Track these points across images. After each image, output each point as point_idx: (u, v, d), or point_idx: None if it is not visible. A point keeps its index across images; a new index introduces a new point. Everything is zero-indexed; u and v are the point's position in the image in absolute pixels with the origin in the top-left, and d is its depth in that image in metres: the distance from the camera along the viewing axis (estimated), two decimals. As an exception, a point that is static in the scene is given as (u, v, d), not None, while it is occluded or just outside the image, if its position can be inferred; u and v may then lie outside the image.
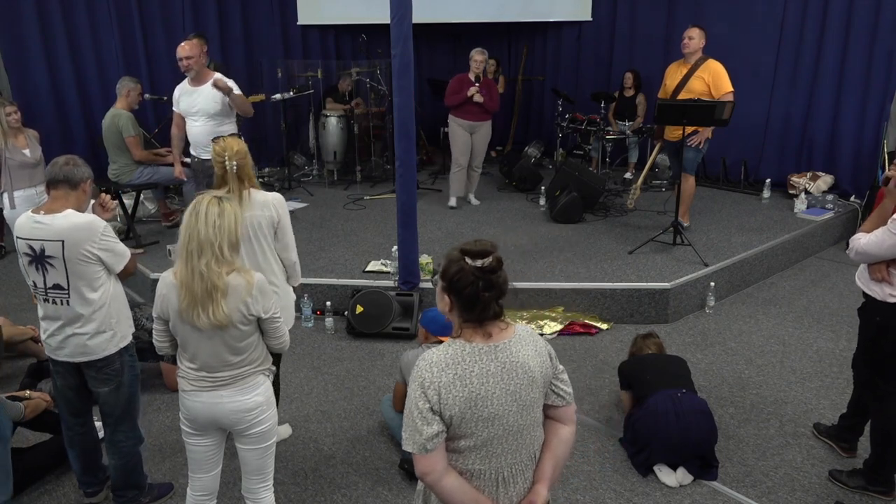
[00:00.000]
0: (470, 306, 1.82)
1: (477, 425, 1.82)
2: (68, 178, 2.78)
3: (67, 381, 2.98)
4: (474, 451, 1.85)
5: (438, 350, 1.86)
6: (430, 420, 1.80)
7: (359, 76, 7.93)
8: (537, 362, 1.88)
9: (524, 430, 1.88)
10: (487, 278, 1.79)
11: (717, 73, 5.55)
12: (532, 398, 1.87)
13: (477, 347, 1.83)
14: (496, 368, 1.82)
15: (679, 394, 3.37)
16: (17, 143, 5.08)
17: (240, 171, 3.10)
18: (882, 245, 2.88)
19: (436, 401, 1.80)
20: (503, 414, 1.83)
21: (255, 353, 2.52)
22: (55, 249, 2.74)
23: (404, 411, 1.87)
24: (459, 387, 1.79)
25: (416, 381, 1.84)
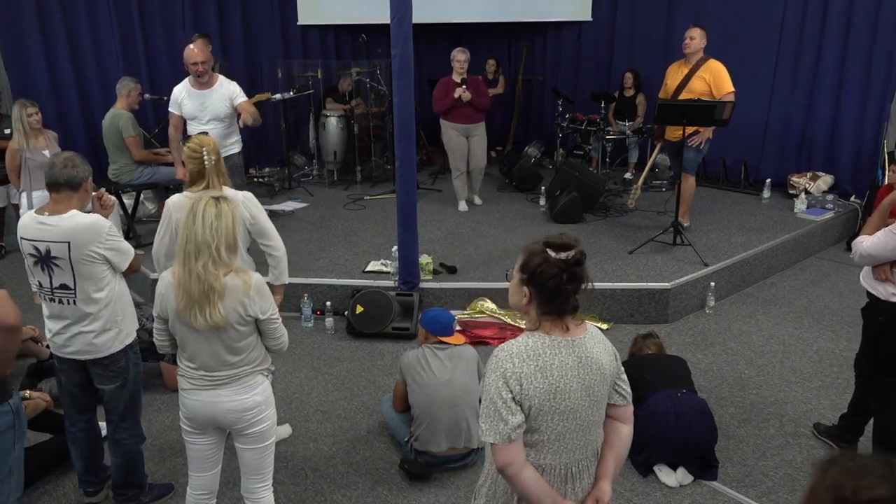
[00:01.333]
0: (552, 298, 1.83)
1: (553, 418, 1.84)
2: (70, 182, 2.79)
3: (72, 378, 3.00)
4: (547, 445, 1.87)
5: (518, 341, 1.86)
6: (514, 410, 1.80)
7: (359, 76, 7.93)
8: (607, 360, 1.91)
9: (592, 426, 1.92)
10: (571, 271, 1.82)
11: (719, 73, 5.55)
12: (601, 394, 1.91)
13: (556, 340, 1.85)
14: (573, 362, 1.85)
15: (679, 394, 3.37)
16: (38, 143, 5.10)
17: (217, 165, 3.12)
18: (886, 247, 2.88)
19: (518, 391, 1.80)
20: (577, 408, 1.86)
21: (254, 354, 2.52)
22: (61, 251, 2.75)
23: (483, 401, 1.86)
24: (540, 378, 1.81)
25: (497, 371, 1.82)
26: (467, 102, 6.45)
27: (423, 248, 5.16)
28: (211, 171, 3.10)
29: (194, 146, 3.13)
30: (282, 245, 3.37)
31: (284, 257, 3.39)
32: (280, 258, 3.36)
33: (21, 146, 5.03)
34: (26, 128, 5.01)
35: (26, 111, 5.02)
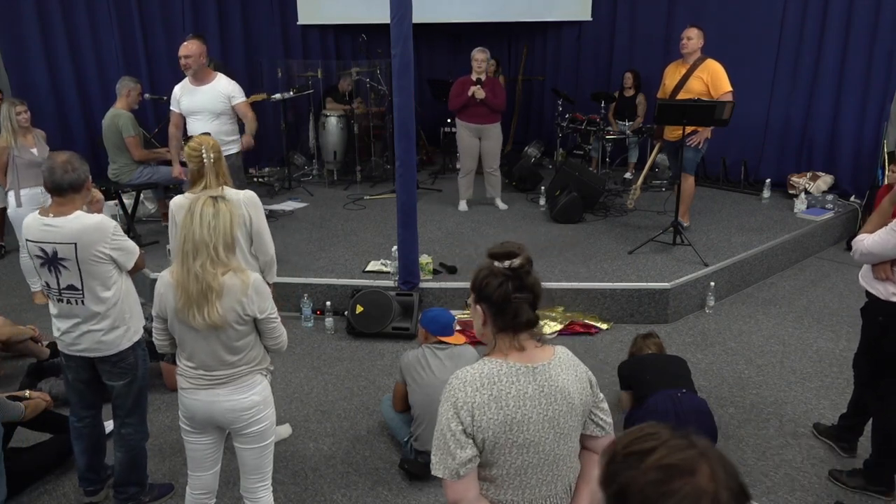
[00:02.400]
0: (501, 311, 1.71)
1: (511, 451, 1.70)
2: (73, 185, 2.81)
3: (80, 375, 3.02)
4: (507, 480, 1.73)
5: (473, 368, 1.74)
6: (464, 443, 1.67)
7: (359, 76, 7.93)
8: (577, 388, 1.76)
9: (560, 460, 1.77)
10: (519, 278, 1.70)
11: (716, 72, 5.55)
12: (570, 426, 1.76)
13: (514, 367, 1.71)
14: (534, 391, 1.70)
15: (679, 394, 3.37)
16: (26, 142, 5.11)
17: (216, 164, 3.12)
18: (886, 245, 2.88)
19: (469, 422, 1.67)
20: (539, 441, 1.71)
21: (253, 353, 2.53)
22: (68, 252, 2.76)
23: (435, 433, 1.74)
24: (495, 409, 1.67)
25: (449, 400, 1.71)
26: (482, 102, 6.41)
27: (423, 248, 5.16)
28: (209, 170, 3.10)
29: (194, 145, 3.14)
30: (272, 249, 3.36)
31: (273, 261, 3.37)
32: (268, 262, 3.36)
33: (9, 144, 5.02)
34: (14, 126, 5.02)
35: (14, 109, 5.02)
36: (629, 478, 1.05)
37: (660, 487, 1.02)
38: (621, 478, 1.07)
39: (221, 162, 3.18)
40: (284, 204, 7.08)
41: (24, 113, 5.09)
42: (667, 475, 1.02)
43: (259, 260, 3.34)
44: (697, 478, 1.01)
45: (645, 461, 1.05)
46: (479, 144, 6.64)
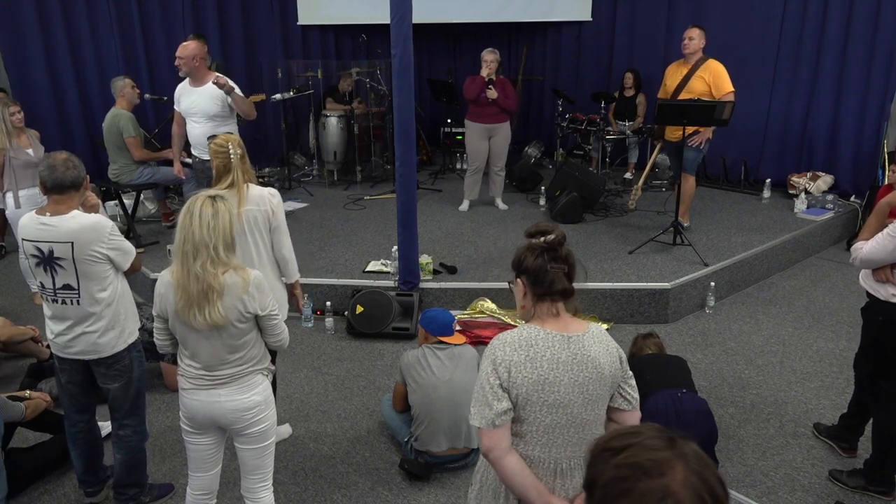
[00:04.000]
0: (539, 279, 1.89)
1: (541, 410, 1.86)
2: (75, 183, 2.81)
3: (73, 377, 3.00)
4: (536, 437, 1.88)
5: (514, 331, 1.91)
6: (500, 396, 1.84)
7: (359, 76, 7.93)
8: (607, 360, 1.90)
9: (587, 425, 1.90)
10: (553, 250, 1.89)
11: (718, 73, 5.55)
12: (598, 394, 1.90)
13: (551, 334, 1.88)
14: (567, 357, 1.86)
15: (679, 394, 3.37)
16: (21, 142, 5.09)
17: (242, 161, 3.16)
18: (885, 250, 2.89)
19: (506, 378, 1.84)
20: (568, 403, 1.86)
21: (254, 351, 2.53)
22: (64, 251, 2.75)
23: (475, 388, 1.90)
24: (530, 368, 1.84)
25: (489, 357, 1.88)
26: (493, 102, 6.42)
27: (423, 248, 5.16)
28: (237, 166, 3.13)
29: (220, 142, 3.17)
30: (286, 248, 3.37)
31: (286, 260, 3.38)
32: (286, 258, 3.37)
33: (4, 145, 5.00)
34: (8, 127, 5.00)
35: (8, 110, 5.00)
36: (598, 472, 1.07)
37: (620, 484, 1.02)
38: (592, 470, 1.08)
39: (246, 159, 3.21)
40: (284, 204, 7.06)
41: (18, 113, 5.08)
42: (632, 473, 1.02)
43: (277, 257, 3.35)
44: (665, 480, 1.00)
45: (616, 457, 1.05)
46: (488, 144, 6.65)
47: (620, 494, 1.01)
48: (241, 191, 3.14)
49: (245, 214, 3.16)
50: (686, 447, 1.06)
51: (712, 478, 1.03)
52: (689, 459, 1.04)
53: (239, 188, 3.14)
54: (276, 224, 3.28)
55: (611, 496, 1.02)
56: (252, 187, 3.22)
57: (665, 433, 1.09)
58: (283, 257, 3.36)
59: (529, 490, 1.86)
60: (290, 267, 3.40)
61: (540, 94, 9.63)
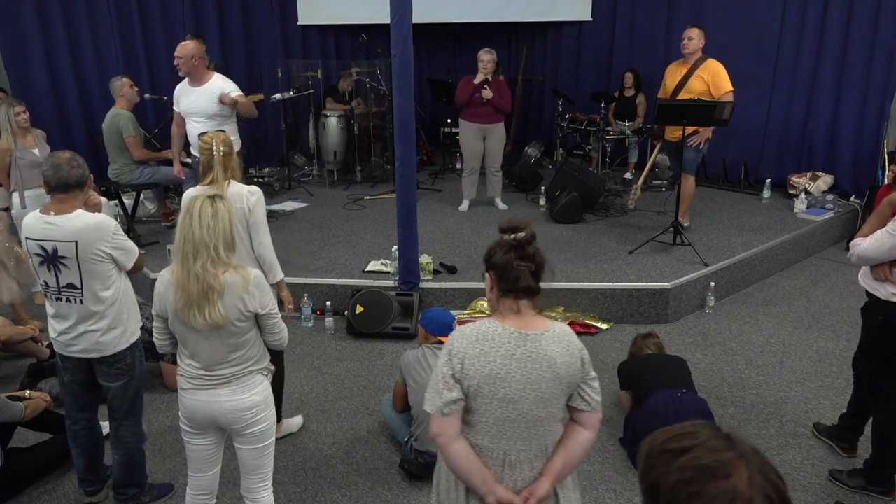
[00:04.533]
0: (504, 276, 1.93)
1: (492, 403, 1.90)
2: (79, 182, 2.82)
3: (76, 376, 3.01)
4: (485, 428, 1.93)
5: (474, 324, 1.96)
6: (451, 386, 1.90)
7: (359, 76, 7.93)
8: (565, 361, 1.92)
9: (539, 421, 1.94)
10: (521, 248, 1.92)
11: (717, 72, 5.55)
12: (552, 392, 1.93)
13: (508, 331, 1.91)
14: (521, 354, 1.89)
15: (679, 394, 3.37)
16: (26, 142, 5.10)
17: (225, 158, 3.17)
18: (882, 247, 2.88)
19: (458, 369, 1.89)
20: (519, 399, 1.90)
21: (254, 350, 2.53)
22: (68, 250, 2.76)
23: (432, 375, 1.96)
24: (483, 362, 1.88)
25: (447, 347, 1.94)
26: (488, 102, 6.40)
27: (423, 248, 5.16)
28: (217, 163, 3.15)
29: (206, 139, 3.21)
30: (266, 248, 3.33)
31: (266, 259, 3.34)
32: (264, 257, 3.33)
33: (10, 146, 5.01)
34: (14, 127, 5.00)
35: (13, 110, 5.00)
36: (660, 475, 1.05)
37: (688, 487, 1.01)
38: (653, 474, 1.07)
39: (232, 157, 3.22)
40: (284, 204, 7.08)
41: (24, 113, 5.08)
42: (699, 475, 1.01)
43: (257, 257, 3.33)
44: (732, 481, 1.00)
45: (678, 460, 1.04)
46: (482, 145, 6.64)
47: (688, 498, 1.01)
48: (220, 188, 3.16)
49: None
50: (744, 445, 1.06)
51: (773, 474, 1.03)
52: (750, 458, 1.03)
53: (219, 185, 3.16)
54: (252, 221, 3.26)
55: (678, 500, 1.02)
56: (233, 184, 3.22)
57: (720, 432, 1.08)
58: (262, 256, 3.33)
59: (473, 476, 1.93)
60: (271, 266, 3.36)
61: (540, 94, 9.63)
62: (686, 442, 1.07)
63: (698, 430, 1.09)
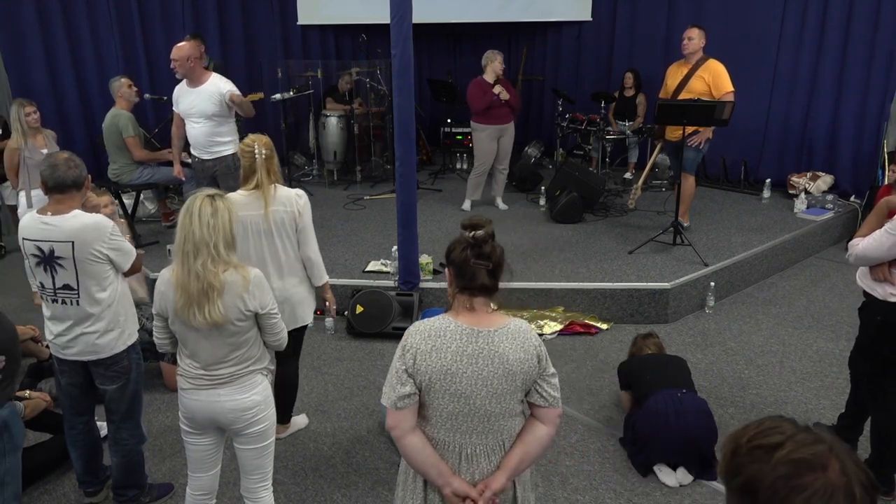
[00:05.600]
0: (460, 273, 1.96)
1: (444, 398, 1.94)
2: (76, 182, 2.81)
3: (73, 379, 2.99)
4: (440, 422, 1.98)
5: (428, 321, 2.00)
6: (405, 381, 1.94)
7: (359, 76, 7.93)
8: (519, 357, 1.94)
9: (493, 416, 1.97)
10: (479, 247, 1.93)
11: (718, 72, 5.55)
12: (505, 388, 1.95)
13: (461, 327, 1.94)
14: (472, 351, 1.92)
15: (679, 394, 3.37)
16: (36, 142, 5.11)
17: (268, 161, 3.18)
18: (881, 247, 2.88)
19: (411, 364, 1.93)
20: (471, 394, 1.93)
21: (253, 350, 2.53)
22: (65, 250, 2.75)
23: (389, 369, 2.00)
24: (434, 357, 1.92)
25: (402, 343, 1.99)
26: (504, 102, 6.43)
27: (423, 248, 5.16)
28: (260, 166, 3.15)
29: (248, 141, 3.21)
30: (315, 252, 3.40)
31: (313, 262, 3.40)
32: (312, 259, 3.38)
33: (19, 145, 5.03)
34: (24, 127, 5.02)
35: (24, 110, 5.03)
36: (757, 471, 1.06)
37: (790, 482, 1.02)
38: (748, 470, 1.07)
39: (274, 160, 3.22)
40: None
41: (34, 114, 5.11)
42: (797, 470, 1.02)
43: (307, 260, 3.37)
44: (829, 473, 1.01)
45: (774, 455, 1.05)
46: (497, 146, 6.66)
47: (790, 493, 1.01)
48: (266, 192, 3.17)
49: (272, 215, 3.19)
50: (828, 436, 1.07)
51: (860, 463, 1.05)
52: (837, 449, 1.05)
53: (265, 189, 3.17)
54: (301, 225, 3.30)
55: (780, 494, 1.02)
56: (279, 188, 3.24)
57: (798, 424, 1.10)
58: (309, 258, 3.37)
59: (430, 469, 1.97)
60: (317, 269, 3.41)
61: (540, 94, 9.63)
62: (775, 437, 1.07)
63: (781, 425, 1.10)
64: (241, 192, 3.22)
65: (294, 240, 3.31)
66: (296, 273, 3.35)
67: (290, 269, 3.32)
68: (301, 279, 3.38)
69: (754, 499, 1.06)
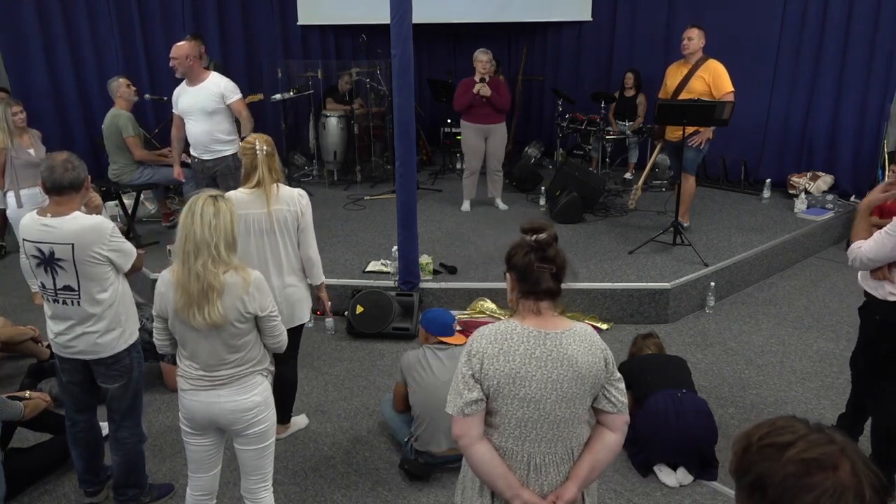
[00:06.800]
0: (524, 277, 1.91)
1: (512, 403, 1.87)
2: (73, 184, 2.79)
3: (74, 377, 3.00)
4: (508, 430, 1.91)
5: (493, 325, 1.94)
6: (472, 386, 1.87)
7: (359, 76, 7.92)
8: (587, 360, 1.90)
9: (563, 422, 1.91)
10: (542, 250, 1.90)
11: (718, 72, 5.55)
12: (575, 392, 1.90)
13: (528, 330, 1.89)
14: (541, 353, 1.87)
15: (679, 394, 3.38)
16: (22, 142, 5.11)
17: (269, 159, 3.18)
18: (884, 249, 2.89)
19: (478, 369, 1.87)
20: (540, 399, 1.87)
21: (253, 352, 2.53)
22: (65, 252, 2.75)
23: (454, 376, 1.94)
24: (502, 361, 1.86)
25: (467, 348, 1.92)
26: (487, 102, 6.39)
27: (423, 248, 5.16)
28: (262, 163, 3.15)
29: (249, 140, 3.22)
30: (315, 252, 3.43)
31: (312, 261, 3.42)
32: (312, 259, 3.41)
33: (6, 145, 5.01)
34: (10, 126, 5.02)
35: (10, 109, 5.02)
36: (767, 469, 1.06)
37: (800, 480, 1.02)
38: (758, 468, 1.08)
39: (275, 157, 3.23)
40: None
41: (20, 113, 5.10)
42: (807, 469, 1.03)
43: (303, 258, 3.39)
44: (839, 473, 1.02)
45: (784, 454, 1.05)
46: (484, 145, 6.64)
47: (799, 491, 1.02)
48: (268, 190, 3.17)
49: (275, 214, 3.20)
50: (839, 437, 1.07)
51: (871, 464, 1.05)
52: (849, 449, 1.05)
53: (267, 187, 3.17)
54: (303, 225, 3.32)
55: (790, 493, 1.03)
56: (282, 187, 3.24)
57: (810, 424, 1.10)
58: (309, 258, 3.40)
59: (498, 480, 1.89)
60: (316, 269, 3.43)
61: (540, 94, 9.63)
62: (786, 436, 1.08)
63: (793, 424, 1.10)
64: (242, 189, 3.23)
65: (294, 239, 3.32)
66: (295, 272, 3.36)
67: (290, 267, 3.33)
68: (300, 278, 3.40)
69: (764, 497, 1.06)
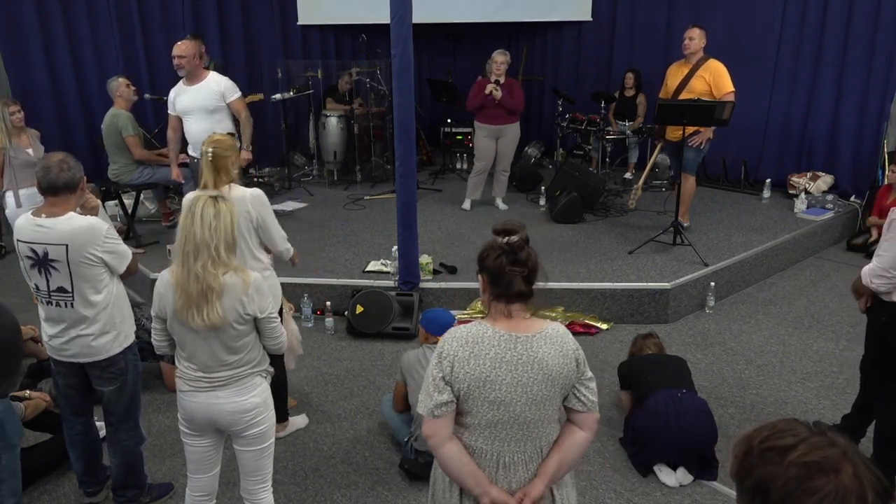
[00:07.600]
0: (496, 280, 1.91)
1: (482, 405, 1.90)
2: (69, 184, 2.78)
3: (69, 380, 2.98)
4: (478, 430, 1.94)
5: (465, 327, 1.95)
6: (442, 389, 1.90)
7: (359, 76, 7.92)
8: (558, 362, 1.91)
9: (532, 423, 1.93)
10: (514, 253, 1.90)
11: (719, 72, 5.55)
12: (545, 395, 1.91)
13: (498, 333, 1.90)
14: (511, 357, 1.88)
15: (679, 394, 3.37)
16: (21, 142, 5.11)
17: (215, 160, 3.11)
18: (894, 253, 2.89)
19: (448, 371, 1.89)
20: (510, 402, 1.89)
21: (252, 354, 2.52)
22: (59, 253, 2.74)
23: (425, 377, 1.96)
24: (472, 364, 1.88)
25: (438, 350, 1.94)
26: (499, 103, 6.38)
27: (423, 248, 5.15)
28: (206, 166, 3.11)
29: (206, 141, 3.18)
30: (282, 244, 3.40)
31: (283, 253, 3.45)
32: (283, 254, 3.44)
33: (4, 145, 5.02)
34: (8, 126, 5.02)
35: (8, 109, 5.02)
36: (769, 472, 1.06)
37: (802, 484, 1.02)
38: (760, 472, 1.07)
39: (223, 159, 3.15)
40: (284, 204, 7.07)
41: (18, 113, 5.10)
42: (809, 472, 1.02)
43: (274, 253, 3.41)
44: (841, 476, 1.01)
45: (786, 457, 1.05)
46: (495, 145, 6.63)
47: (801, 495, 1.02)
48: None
49: None
50: (842, 440, 1.07)
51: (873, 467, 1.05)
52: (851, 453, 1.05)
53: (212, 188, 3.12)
54: (260, 223, 3.29)
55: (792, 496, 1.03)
56: (234, 188, 3.19)
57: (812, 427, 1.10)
58: (280, 253, 3.42)
59: (467, 478, 1.93)
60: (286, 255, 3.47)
61: (540, 94, 9.62)
62: (788, 440, 1.07)
63: (794, 427, 1.10)
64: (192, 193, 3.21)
65: (249, 238, 3.27)
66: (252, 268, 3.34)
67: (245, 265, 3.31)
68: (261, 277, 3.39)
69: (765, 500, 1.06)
